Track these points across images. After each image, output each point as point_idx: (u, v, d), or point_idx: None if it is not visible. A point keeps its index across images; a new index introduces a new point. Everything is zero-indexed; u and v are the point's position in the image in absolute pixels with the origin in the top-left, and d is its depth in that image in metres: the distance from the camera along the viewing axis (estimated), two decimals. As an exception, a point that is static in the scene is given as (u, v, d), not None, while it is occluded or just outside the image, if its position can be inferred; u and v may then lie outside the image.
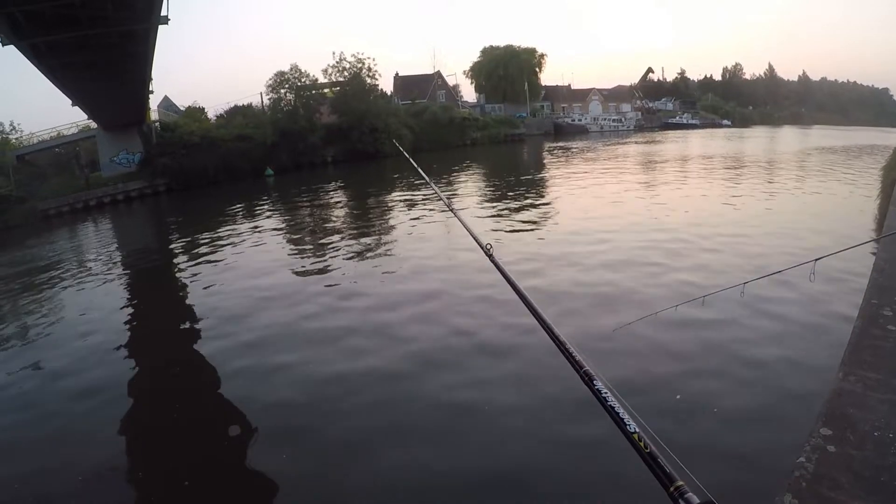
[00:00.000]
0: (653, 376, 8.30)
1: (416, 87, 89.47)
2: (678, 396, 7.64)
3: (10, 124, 51.16)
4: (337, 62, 63.70)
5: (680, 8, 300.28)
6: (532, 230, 19.54)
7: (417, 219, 23.35)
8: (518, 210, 23.74)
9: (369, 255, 18.05)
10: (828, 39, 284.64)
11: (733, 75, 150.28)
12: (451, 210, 4.07)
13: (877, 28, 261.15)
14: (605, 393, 1.30)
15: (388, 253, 18.28)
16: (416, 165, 4.76)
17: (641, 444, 1.16)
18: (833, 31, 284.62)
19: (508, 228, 19.98)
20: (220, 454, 7.75)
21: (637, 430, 1.19)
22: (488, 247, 2.87)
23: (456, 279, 14.18)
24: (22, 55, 25.00)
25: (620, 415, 1.23)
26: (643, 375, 8.31)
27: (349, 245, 19.73)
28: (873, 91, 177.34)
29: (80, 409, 9.22)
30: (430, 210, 24.99)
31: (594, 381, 1.35)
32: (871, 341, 4.96)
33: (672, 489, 1.06)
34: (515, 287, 1.96)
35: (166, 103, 68.88)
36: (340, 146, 60.53)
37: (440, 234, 20.57)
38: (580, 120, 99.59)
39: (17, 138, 50.92)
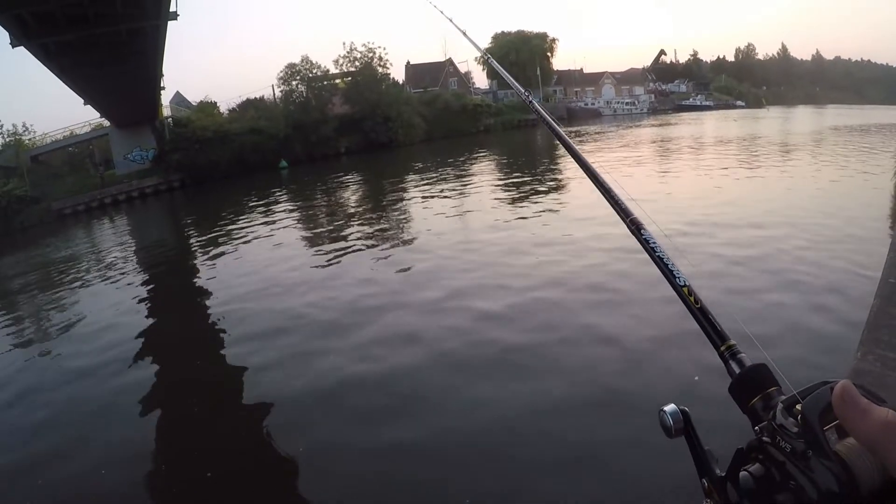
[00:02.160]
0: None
1: (427, 74, 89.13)
2: (696, 378, 7.57)
3: (23, 125, 51.30)
4: (348, 52, 63.69)
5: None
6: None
7: (432, 208, 23.33)
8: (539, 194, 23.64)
9: (390, 246, 17.96)
10: (841, 19, 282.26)
11: (746, 56, 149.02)
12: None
13: (892, 7, 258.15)
14: (654, 243, 1.21)
15: (411, 244, 18.22)
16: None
17: (691, 298, 1.08)
18: (847, 11, 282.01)
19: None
20: (241, 445, 7.76)
21: (687, 283, 1.11)
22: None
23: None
24: (32, 55, 25.11)
25: (669, 266, 1.15)
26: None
27: (367, 234, 19.75)
28: (888, 70, 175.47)
29: (102, 403, 9.30)
30: (447, 198, 24.96)
31: (641, 231, 1.27)
32: (889, 321, 4.89)
33: (723, 348, 1.00)
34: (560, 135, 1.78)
35: (178, 99, 69.06)
36: (353, 136, 60.66)
37: (458, 223, 20.55)
38: (593, 104, 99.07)
39: (30, 139, 51.13)
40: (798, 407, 0.79)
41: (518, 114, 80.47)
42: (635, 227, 1.29)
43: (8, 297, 18.47)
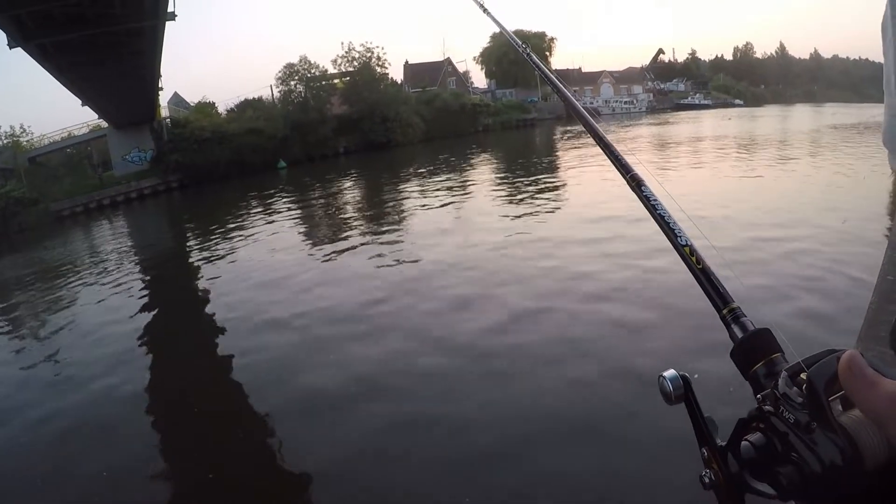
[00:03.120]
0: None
1: (426, 74, 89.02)
2: (696, 376, 7.56)
3: (21, 126, 51.32)
4: (346, 52, 63.74)
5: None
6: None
7: (431, 207, 23.36)
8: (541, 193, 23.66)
9: (389, 247, 17.97)
10: (839, 17, 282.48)
11: (744, 55, 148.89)
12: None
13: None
14: (654, 200, 1.17)
15: (410, 243, 18.26)
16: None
17: (693, 258, 1.04)
18: (844, 8, 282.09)
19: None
20: (242, 447, 7.77)
21: (688, 242, 1.07)
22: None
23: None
24: (30, 57, 25.07)
25: (671, 224, 1.11)
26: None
27: (366, 234, 19.82)
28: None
29: (101, 405, 9.31)
30: (446, 198, 24.98)
31: (641, 187, 1.22)
32: (887, 317, 4.89)
33: (725, 311, 0.96)
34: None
35: (176, 99, 69.02)
36: (352, 136, 60.66)
37: (457, 223, 20.57)
38: (592, 103, 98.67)
39: (27, 140, 51.07)
40: (803, 376, 0.77)
41: (516, 113, 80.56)
42: (635, 183, 1.26)
43: (5, 299, 18.44)
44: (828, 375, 0.75)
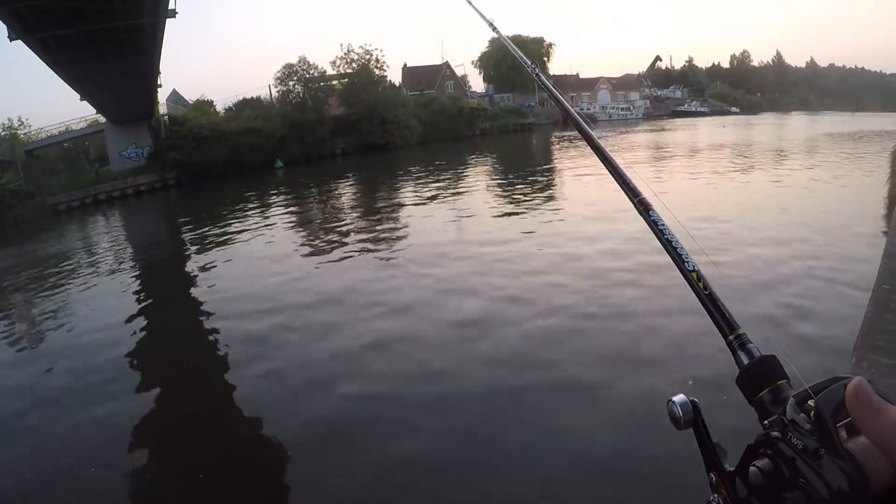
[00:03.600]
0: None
1: (424, 77, 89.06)
2: (690, 383, 7.62)
3: (19, 119, 51.30)
4: (345, 54, 63.63)
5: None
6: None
7: (426, 209, 23.40)
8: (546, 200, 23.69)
9: (384, 248, 18.06)
10: (836, 26, 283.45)
11: (741, 63, 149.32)
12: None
13: (885, 15, 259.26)
14: (662, 225, 1.20)
15: (403, 243, 18.42)
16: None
17: (700, 284, 1.06)
18: (841, 18, 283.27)
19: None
20: (233, 447, 7.79)
21: (696, 268, 1.09)
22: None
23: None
24: (30, 50, 25.06)
25: (678, 250, 1.13)
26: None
27: (361, 235, 19.85)
28: (882, 77, 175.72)
29: (92, 403, 9.25)
30: (441, 200, 25.05)
31: (650, 212, 1.25)
32: (884, 326, 4.94)
33: (732, 337, 0.98)
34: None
35: (175, 97, 68.87)
36: (349, 138, 60.57)
37: (453, 225, 20.65)
38: (589, 109, 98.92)
39: (25, 133, 50.99)
40: (811, 402, 0.78)
41: (514, 118, 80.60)
42: (643, 208, 1.28)
43: None
44: (835, 402, 0.76)
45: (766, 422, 0.84)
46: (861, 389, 0.74)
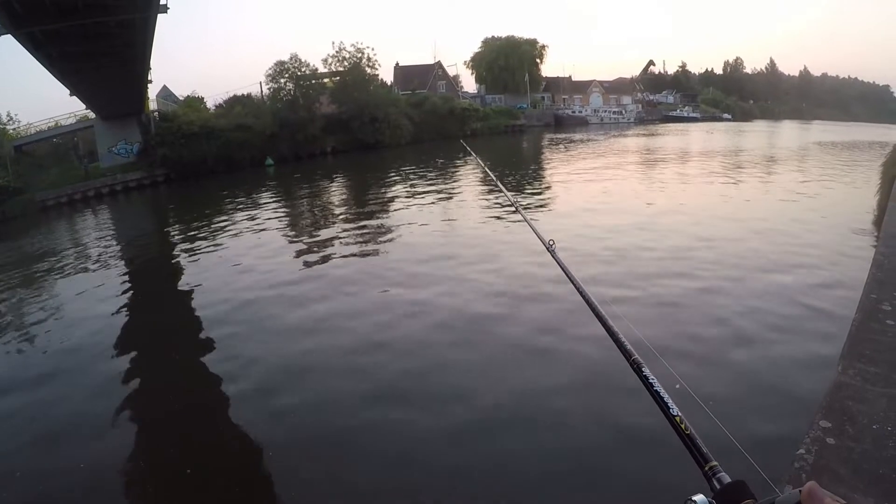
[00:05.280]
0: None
1: (416, 77, 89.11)
2: (677, 386, 7.61)
3: (8, 115, 50.90)
4: (337, 52, 63.71)
5: (681, 4, 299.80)
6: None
7: (414, 208, 23.43)
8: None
9: (372, 245, 18.20)
10: (829, 36, 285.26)
11: (734, 69, 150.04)
12: (517, 209, 4.04)
13: (878, 26, 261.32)
14: (652, 379, 1.41)
15: (388, 241, 18.54)
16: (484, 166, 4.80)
17: (682, 426, 1.26)
18: (834, 28, 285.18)
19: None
20: (220, 442, 7.78)
21: (678, 413, 1.30)
22: (550, 242, 2.88)
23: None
24: (19, 44, 24.93)
25: (665, 399, 1.35)
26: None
27: (350, 233, 19.89)
28: (874, 88, 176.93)
29: (79, 400, 9.23)
30: (431, 201, 25.08)
31: (642, 369, 1.48)
32: (870, 335, 4.95)
33: (707, 468, 1.15)
34: (572, 278, 2.15)
35: (165, 93, 68.63)
36: (340, 136, 60.59)
37: (442, 224, 20.69)
38: (581, 112, 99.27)
39: (14, 129, 50.62)
40: None
41: (505, 119, 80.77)
42: (637, 367, 1.51)
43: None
44: None
45: None
46: (813, 493, 0.86)
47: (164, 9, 24.40)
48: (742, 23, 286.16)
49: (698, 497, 1.04)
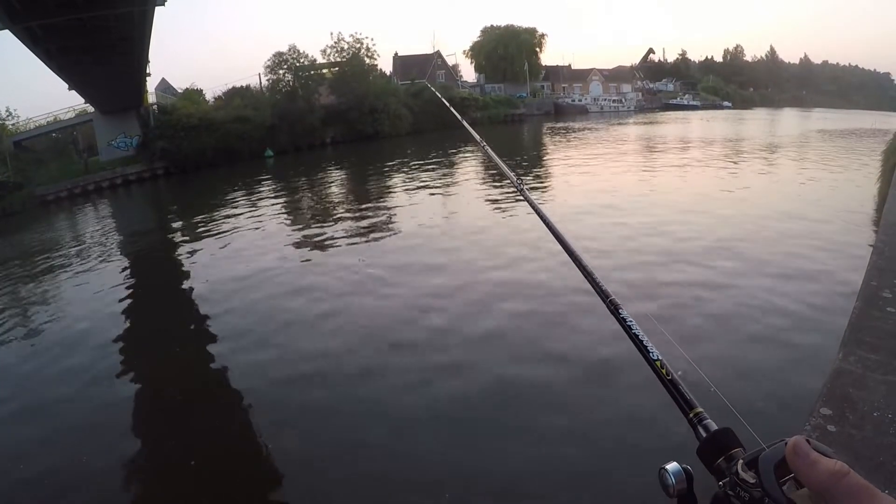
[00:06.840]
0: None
1: (415, 66, 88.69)
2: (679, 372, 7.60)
3: (7, 110, 50.68)
4: (335, 42, 63.68)
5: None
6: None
7: (414, 199, 23.42)
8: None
9: (373, 233, 18.24)
10: (829, 23, 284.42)
11: (734, 57, 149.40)
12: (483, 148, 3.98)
13: (878, 13, 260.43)
14: (630, 321, 1.36)
15: (389, 230, 18.65)
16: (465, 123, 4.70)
17: (663, 371, 1.22)
18: (835, 16, 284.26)
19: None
20: (223, 434, 7.80)
21: (659, 357, 1.25)
22: (519, 182, 2.87)
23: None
24: (17, 39, 24.85)
25: (644, 342, 1.29)
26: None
27: (350, 224, 19.89)
28: (874, 75, 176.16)
29: (80, 394, 9.26)
30: (431, 191, 25.07)
31: (619, 310, 1.42)
32: (871, 322, 4.96)
33: (692, 415, 1.12)
34: (546, 220, 2.04)
35: (163, 86, 68.54)
36: (339, 127, 60.51)
37: (442, 213, 20.69)
38: (580, 100, 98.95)
39: (13, 124, 50.40)
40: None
41: (505, 108, 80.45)
42: (614, 308, 1.45)
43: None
44: (777, 459, 0.86)
45: (721, 483, 0.95)
46: (798, 446, 0.84)
47: (162, 1, 24.29)
48: (742, 10, 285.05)
49: (670, 465, 1.02)
